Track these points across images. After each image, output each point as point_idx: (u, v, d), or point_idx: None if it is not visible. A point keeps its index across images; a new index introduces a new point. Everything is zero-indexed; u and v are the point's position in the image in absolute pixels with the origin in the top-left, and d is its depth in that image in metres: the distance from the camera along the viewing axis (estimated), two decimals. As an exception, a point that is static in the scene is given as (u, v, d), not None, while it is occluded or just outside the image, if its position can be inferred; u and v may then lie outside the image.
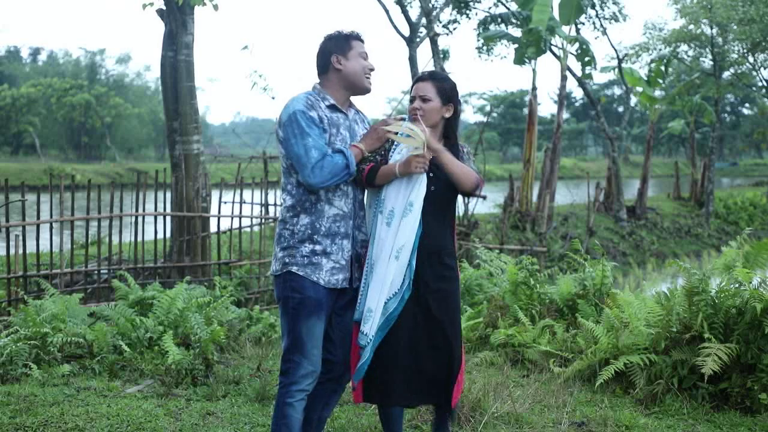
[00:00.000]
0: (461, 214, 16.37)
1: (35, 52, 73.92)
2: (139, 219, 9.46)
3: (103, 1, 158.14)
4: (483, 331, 6.85)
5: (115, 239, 9.21)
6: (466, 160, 3.93)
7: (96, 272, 9.23)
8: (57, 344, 5.94)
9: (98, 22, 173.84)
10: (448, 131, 3.97)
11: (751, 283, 5.05)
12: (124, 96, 62.05)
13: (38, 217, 8.67)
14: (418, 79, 3.97)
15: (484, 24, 21.79)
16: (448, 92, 3.90)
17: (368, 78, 3.76)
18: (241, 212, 11.04)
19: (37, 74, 64.42)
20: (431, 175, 3.80)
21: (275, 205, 12.86)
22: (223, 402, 5.17)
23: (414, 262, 3.73)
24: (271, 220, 12.68)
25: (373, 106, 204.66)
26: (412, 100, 3.95)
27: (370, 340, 3.69)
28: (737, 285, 5.11)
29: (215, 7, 10.05)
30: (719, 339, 4.94)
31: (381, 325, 3.70)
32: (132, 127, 62.27)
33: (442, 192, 3.84)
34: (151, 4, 10.22)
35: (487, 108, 67.29)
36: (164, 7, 10.28)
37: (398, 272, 3.70)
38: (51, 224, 8.56)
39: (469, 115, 74.22)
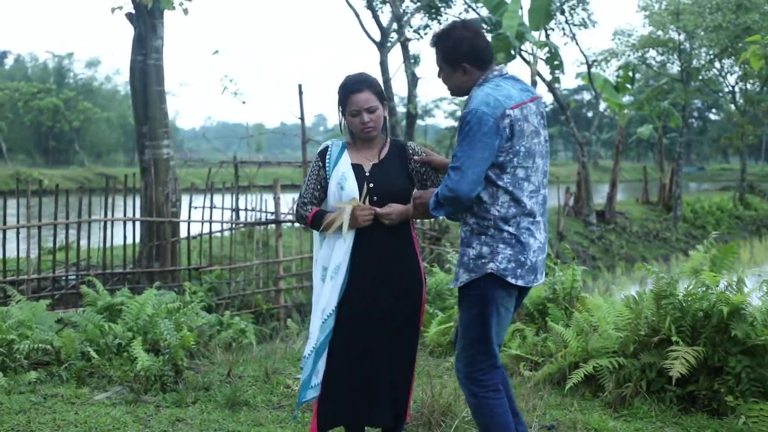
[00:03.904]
0: (433, 219, 16.39)
1: (2, 56, 72.81)
2: (108, 224, 9.38)
3: (71, 5, 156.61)
4: (454, 335, 6.85)
5: (84, 245, 9.12)
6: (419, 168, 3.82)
7: (64, 278, 9.13)
8: (23, 351, 5.86)
9: (66, 26, 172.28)
10: (385, 128, 3.85)
11: (717, 286, 5.10)
12: (93, 100, 61.35)
13: (5, 223, 8.56)
14: (353, 90, 3.68)
15: (454, 29, 21.88)
16: (382, 92, 3.77)
17: None
18: (211, 217, 10.98)
19: (3, 78, 63.56)
20: (371, 185, 3.71)
21: (246, 210, 12.79)
22: (192, 408, 5.13)
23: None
24: (241, 225, 12.61)
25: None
26: (355, 114, 3.68)
27: (309, 354, 3.70)
28: (704, 288, 5.15)
29: (185, 11, 10.00)
30: (687, 342, 4.99)
31: (321, 342, 3.70)
32: (101, 131, 61.66)
33: (385, 203, 3.71)
34: (120, 7, 10.15)
35: (458, 113, 67.49)
36: (133, 11, 10.21)
37: (334, 290, 3.70)
38: (18, 230, 8.46)
39: (441, 120, 74.44)
